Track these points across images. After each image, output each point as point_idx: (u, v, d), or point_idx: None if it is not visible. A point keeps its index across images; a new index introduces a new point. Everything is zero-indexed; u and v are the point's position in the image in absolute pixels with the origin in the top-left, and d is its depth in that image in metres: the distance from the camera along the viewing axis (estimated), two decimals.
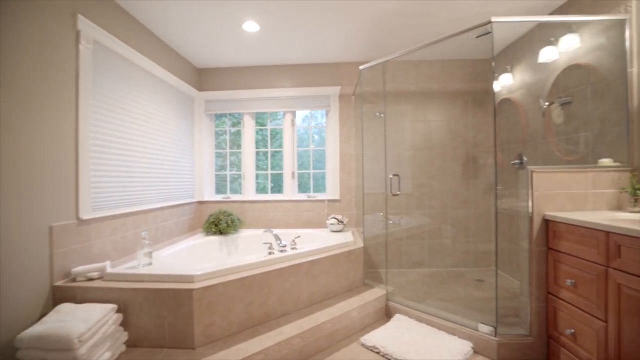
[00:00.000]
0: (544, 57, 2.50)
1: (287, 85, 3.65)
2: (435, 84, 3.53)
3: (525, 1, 2.42)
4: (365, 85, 2.98)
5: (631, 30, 1.92)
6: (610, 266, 1.46)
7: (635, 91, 1.90)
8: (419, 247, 3.50)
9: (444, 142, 3.53)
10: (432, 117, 3.54)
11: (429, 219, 3.51)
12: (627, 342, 1.38)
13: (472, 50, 3.33)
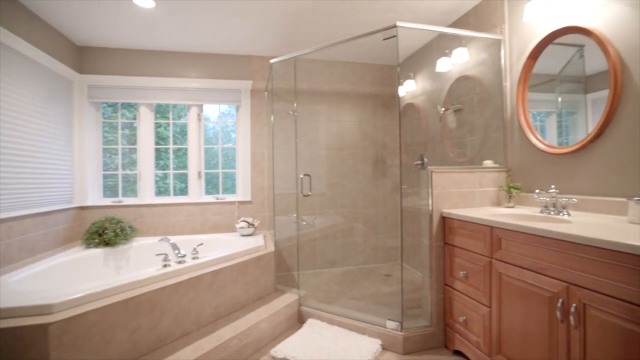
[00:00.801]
0: (440, 67, 2.73)
1: (192, 75, 3.28)
2: (347, 85, 3.59)
3: (426, 15, 2.60)
4: (277, 81, 2.85)
5: (505, 49, 2.20)
6: (494, 257, 1.61)
7: (508, 102, 2.18)
8: (333, 246, 3.52)
9: (355, 142, 3.63)
10: (345, 117, 3.61)
11: (341, 218, 3.57)
12: (505, 323, 1.54)
13: (381, 55, 3.49)
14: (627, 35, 1.49)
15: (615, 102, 1.54)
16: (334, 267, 3.50)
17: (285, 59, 2.56)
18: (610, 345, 1.10)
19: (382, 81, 3.71)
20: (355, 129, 3.63)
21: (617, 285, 1.07)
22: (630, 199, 1.35)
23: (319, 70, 3.52)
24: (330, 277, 3.26)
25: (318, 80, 3.50)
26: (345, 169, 3.58)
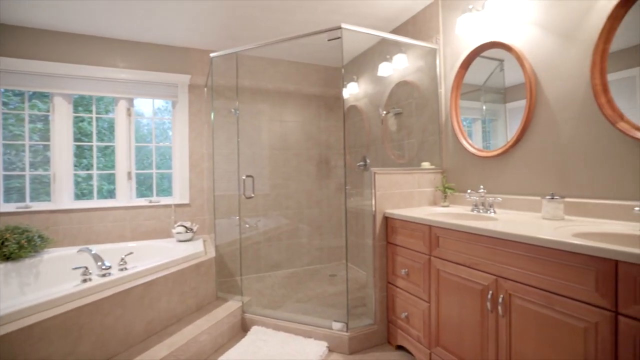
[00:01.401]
0: (382, 72, 2.83)
1: (121, 65, 2.94)
2: (291, 84, 3.55)
3: (369, 20, 2.67)
4: (218, 77, 2.69)
5: (440, 58, 2.36)
6: (432, 255, 1.70)
7: (443, 108, 2.33)
8: (277, 248, 3.45)
9: (299, 143, 3.60)
10: (288, 117, 3.55)
11: (286, 220, 3.51)
12: (443, 316, 1.64)
13: (325, 57, 3.51)
14: (540, 53, 1.68)
15: (531, 112, 1.73)
16: (278, 270, 3.43)
17: (226, 54, 2.43)
18: (530, 329, 1.22)
19: (326, 82, 3.73)
20: (299, 130, 3.60)
21: (536, 275, 1.19)
22: (544, 197, 1.52)
23: (262, 68, 3.42)
24: (275, 280, 3.18)
25: (261, 78, 3.40)
26: (289, 170, 3.53)
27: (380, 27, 2.80)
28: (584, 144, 1.51)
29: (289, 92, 3.54)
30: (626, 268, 0.95)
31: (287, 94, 3.53)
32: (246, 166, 3.17)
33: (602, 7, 1.42)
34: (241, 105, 3.05)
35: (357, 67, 3.41)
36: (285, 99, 3.53)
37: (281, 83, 3.49)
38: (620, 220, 1.36)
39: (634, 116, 1.33)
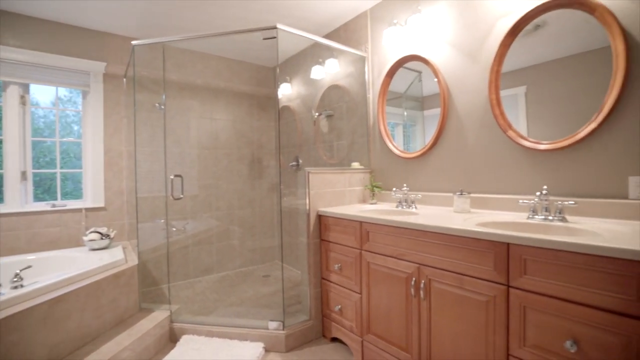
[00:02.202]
0: (315, 74, 2.91)
1: (12, 43, 2.47)
2: (222, 81, 3.42)
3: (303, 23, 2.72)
4: (141, 67, 2.45)
5: (368, 66, 2.53)
6: (363, 249, 1.82)
7: (371, 112, 2.51)
8: (207, 252, 3.29)
9: (231, 142, 3.49)
10: (219, 115, 3.42)
11: (216, 221, 3.37)
12: (374, 305, 1.77)
13: (259, 55, 3.47)
14: (452, 68, 1.94)
15: (444, 120, 1.97)
16: (209, 274, 3.27)
17: (151, 43, 2.23)
18: (446, 307, 1.40)
19: (259, 81, 3.69)
20: (231, 128, 3.49)
21: (450, 260, 1.37)
22: (454, 193, 1.76)
23: (191, 62, 3.22)
24: (206, 285, 3.03)
25: (190, 72, 3.20)
26: (219, 170, 3.40)
27: (313, 31, 2.88)
28: (484, 148, 1.79)
29: (220, 89, 3.41)
30: (515, 249, 1.16)
31: (218, 91, 3.39)
32: (173, 165, 2.96)
33: (496, 35, 1.70)
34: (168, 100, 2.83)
35: (291, 68, 3.45)
36: (216, 95, 3.38)
37: (211, 79, 3.33)
38: (511, 211, 1.65)
39: (519, 126, 1.63)
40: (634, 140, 1.30)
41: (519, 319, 1.16)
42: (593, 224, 1.28)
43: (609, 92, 1.32)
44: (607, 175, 1.37)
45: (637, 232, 1.10)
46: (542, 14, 1.52)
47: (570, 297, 1.04)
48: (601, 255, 0.97)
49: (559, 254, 1.05)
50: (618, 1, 1.32)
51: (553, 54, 1.50)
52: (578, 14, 1.41)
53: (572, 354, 1.04)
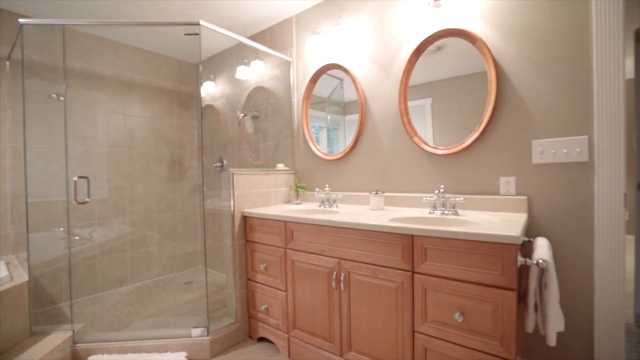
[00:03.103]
0: (240, 75, 2.88)
1: None
2: (138, 74, 3.13)
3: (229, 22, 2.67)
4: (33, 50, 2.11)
5: (293, 70, 2.61)
6: (288, 247, 1.88)
7: (296, 115, 2.59)
8: (120, 261, 2.98)
9: (148, 140, 3.23)
10: (134, 111, 3.13)
11: (130, 227, 3.08)
12: (298, 301, 1.84)
13: (180, 50, 3.27)
14: (369, 79, 2.13)
15: (362, 125, 2.16)
16: (122, 285, 2.97)
17: (47, 24, 1.95)
18: (363, 296, 1.54)
19: (180, 77, 3.48)
20: (148, 126, 3.23)
21: (366, 253, 1.52)
22: (371, 193, 1.94)
23: (99, 50, 2.88)
24: (118, 298, 2.74)
25: (97, 61, 2.86)
26: (135, 170, 3.11)
27: (239, 31, 2.85)
28: (396, 152, 2.01)
29: (135, 83, 3.12)
30: (418, 240, 1.35)
31: (132, 85, 3.10)
32: (77, 165, 2.61)
33: (404, 52, 1.94)
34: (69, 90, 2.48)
35: (215, 66, 3.34)
36: (130, 89, 3.08)
37: (124, 71, 3.03)
38: (417, 207, 1.89)
39: (427, 133, 1.88)
40: (502, 148, 1.62)
41: (421, 299, 1.35)
42: (476, 216, 1.56)
43: (486, 108, 1.63)
44: (486, 176, 1.68)
45: (505, 221, 1.38)
46: (439, 39, 1.78)
47: (458, 277, 1.25)
48: (478, 241, 1.19)
49: (450, 241, 1.26)
50: (491, 36, 1.63)
51: (451, 72, 1.77)
52: (465, 42, 1.70)
53: (459, 323, 1.26)
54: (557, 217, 1.50)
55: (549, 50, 1.50)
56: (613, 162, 1.35)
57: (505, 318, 1.16)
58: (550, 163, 1.50)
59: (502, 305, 1.16)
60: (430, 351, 1.35)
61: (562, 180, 1.48)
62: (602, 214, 1.38)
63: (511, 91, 1.59)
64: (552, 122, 1.50)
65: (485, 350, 1.21)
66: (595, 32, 1.38)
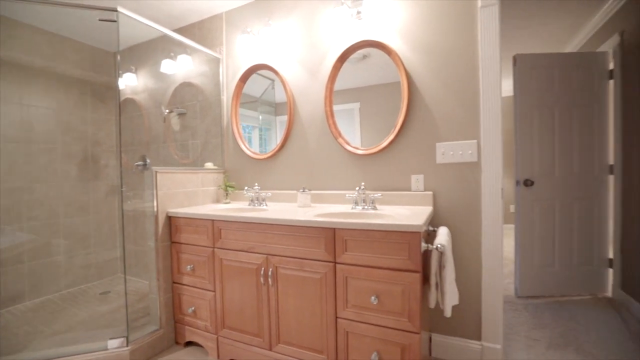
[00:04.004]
0: (165, 68, 2.72)
1: None
2: (39, 59, 2.75)
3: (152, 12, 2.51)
4: None
5: (223, 68, 2.57)
6: (216, 247, 1.86)
7: (225, 114, 2.56)
8: (15, 275, 2.58)
9: (53, 135, 2.85)
10: (34, 101, 2.74)
11: (30, 235, 2.69)
12: (227, 300, 1.83)
13: (95, 36, 2.96)
14: (298, 81, 2.21)
15: (291, 125, 2.23)
16: (18, 303, 2.57)
17: None
18: (290, 289, 1.61)
19: (94, 66, 3.14)
20: (52, 119, 2.85)
21: (293, 248, 1.59)
22: (298, 191, 2.02)
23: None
24: (11, 318, 2.38)
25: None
26: (35, 169, 2.73)
27: (164, 22, 2.70)
28: (322, 151, 2.13)
29: (36, 69, 2.72)
30: (339, 232, 1.46)
31: (32, 70, 2.70)
32: None
33: (329, 59, 2.06)
34: None
35: (137, 56, 3.10)
36: (28, 76, 2.68)
37: (20, 53, 2.63)
38: (341, 203, 2.03)
39: (355, 135, 2.01)
40: (413, 149, 1.84)
41: (343, 287, 1.47)
42: (391, 210, 1.74)
43: (399, 114, 1.83)
44: (399, 174, 1.88)
45: (414, 213, 1.58)
46: (362, 49, 1.94)
47: (374, 264, 1.39)
48: (390, 231, 1.35)
49: (366, 232, 1.40)
50: (404, 50, 1.84)
51: (376, 80, 1.94)
52: (384, 54, 1.88)
53: (375, 306, 1.40)
54: (455, 209, 1.76)
55: (449, 67, 1.75)
56: (493, 163, 1.64)
57: (411, 297, 1.33)
58: (450, 163, 1.75)
59: (409, 286, 1.33)
60: (351, 334, 1.47)
61: (458, 178, 1.74)
62: (486, 206, 1.67)
63: (420, 100, 1.82)
64: (451, 128, 1.75)
65: (396, 327, 1.36)
66: (480, 57, 1.66)
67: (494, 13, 1.64)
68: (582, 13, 2.66)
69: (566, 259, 2.55)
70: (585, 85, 2.51)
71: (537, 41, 3.27)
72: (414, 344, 1.34)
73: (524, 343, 1.92)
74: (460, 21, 1.72)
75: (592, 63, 2.51)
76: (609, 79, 2.50)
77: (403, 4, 1.85)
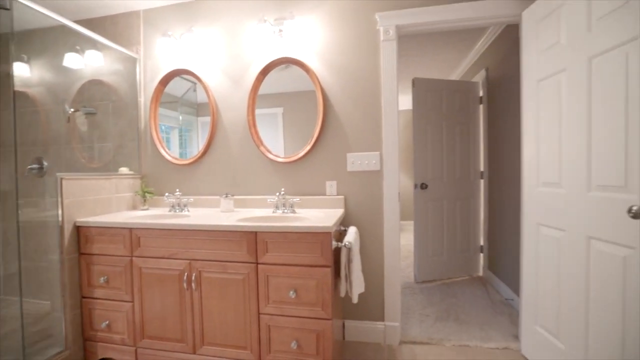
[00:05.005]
0: (69, 62, 2.48)
1: None
2: None
3: None
4: None
5: (140, 68, 2.47)
6: (134, 255, 1.82)
7: (143, 116, 2.46)
8: None
9: None
10: None
11: None
12: (147, 309, 1.80)
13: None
14: (221, 89, 2.27)
15: (214, 130, 2.27)
16: None
17: None
18: (214, 292, 1.68)
19: None
20: None
21: (216, 252, 1.66)
22: (221, 196, 2.09)
23: None
24: None
25: None
26: None
27: (68, 9, 2.45)
28: (245, 158, 2.23)
29: None
30: (260, 235, 1.60)
31: None
32: None
33: (252, 71, 2.18)
34: None
35: (31, 45, 2.72)
36: None
37: None
38: (263, 207, 2.16)
39: (278, 141, 2.15)
40: (328, 158, 2.08)
41: (264, 285, 1.61)
42: (308, 213, 1.94)
43: (316, 126, 2.05)
44: (316, 180, 2.10)
45: (328, 216, 1.80)
46: (282, 64, 2.11)
47: (292, 262, 1.57)
48: (305, 232, 1.54)
49: (285, 234, 1.56)
50: (319, 69, 2.07)
51: (298, 87, 2.10)
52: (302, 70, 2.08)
53: (293, 299, 1.57)
54: (362, 210, 2.04)
55: (358, 88, 2.03)
56: (392, 171, 1.97)
57: (324, 288, 1.54)
58: (359, 171, 2.04)
59: (322, 279, 1.54)
60: (272, 327, 1.62)
61: (365, 184, 2.03)
62: (387, 208, 1.99)
63: (334, 114, 2.06)
64: (359, 140, 2.04)
65: (311, 316, 1.56)
66: (382, 80, 1.98)
67: (393, 46, 1.97)
68: (462, 49, 3.28)
69: (452, 248, 3.12)
70: (464, 107, 3.11)
71: (433, 68, 3.88)
72: (326, 329, 1.55)
73: (417, 319, 2.31)
74: (367, 49, 2.01)
75: (468, 90, 3.12)
76: (480, 104, 3.15)
77: (321, 30, 2.07)
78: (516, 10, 1.84)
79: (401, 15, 1.95)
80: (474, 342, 2.00)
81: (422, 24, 1.96)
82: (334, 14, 2.06)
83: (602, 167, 1.32)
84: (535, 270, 1.76)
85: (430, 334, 2.11)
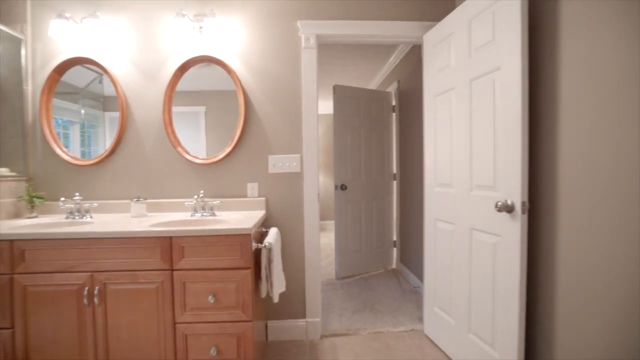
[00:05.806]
0: None
1: None
2: None
3: None
4: None
5: (27, 52, 2.11)
6: (16, 272, 1.55)
7: (30, 109, 2.11)
8: None
9: None
10: None
11: None
12: (34, 333, 1.55)
13: None
14: (132, 83, 2.08)
15: (123, 129, 2.07)
16: None
17: None
18: (123, 305, 1.53)
19: None
20: None
21: (125, 261, 1.52)
22: (132, 200, 1.92)
23: None
24: None
25: None
26: None
27: None
28: (161, 159, 2.08)
29: None
30: (176, 240, 1.52)
31: None
32: None
33: (170, 66, 2.06)
34: None
35: None
36: None
37: None
38: (180, 211, 2.05)
39: (200, 141, 2.05)
40: (249, 160, 2.08)
41: (181, 292, 1.53)
42: (228, 215, 1.91)
43: (237, 128, 2.03)
44: (237, 182, 2.08)
45: (248, 218, 1.80)
46: (202, 62, 2.03)
47: (210, 266, 1.53)
48: (224, 235, 1.51)
49: (202, 238, 1.52)
50: (241, 70, 2.06)
51: (220, 86, 2.04)
52: None
53: (212, 304, 1.53)
54: (284, 211, 2.09)
55: (279, 92, 2.07)
56: (312, 173, 2.07)
57: (244, 290, 1.53)
58: (280, 173, 2.08)
59: (242, 281, 1.53)
60: (190, 336, 1.55)
61: (286, 185, 2.09)
62: (307, 208, 2.07)
63: (255, 116, 2.07)
64: (280, 142, 2.08)
65: (231, 320, 1.54)
66: (303, 86, 2.06)
67: (313, 54, 2.07)
68: (378, 62, 3.59)
69: (369, 244, 3.37)
70: (379, 114, 3.40)
71: (353, 76, 4.15)
72: (247, 332, 1.55)
73: (337, 313, 2.45)
74: (289, 55, 2.07)
75: (383, 99, 3.43)
76: (393, 112, 3.49)
77: (244, 31, 2.06)
78: (419, 33, 2.10)
79: (320, 26, 2.06)
80: (386, 328, 2.21)
81: (340, 35, 2.10)
82: (258, 17, 2.07)
83: (480, 170, 1.60)
84: (434, 259, 2.03)
85: (349, 325, 2.26)
